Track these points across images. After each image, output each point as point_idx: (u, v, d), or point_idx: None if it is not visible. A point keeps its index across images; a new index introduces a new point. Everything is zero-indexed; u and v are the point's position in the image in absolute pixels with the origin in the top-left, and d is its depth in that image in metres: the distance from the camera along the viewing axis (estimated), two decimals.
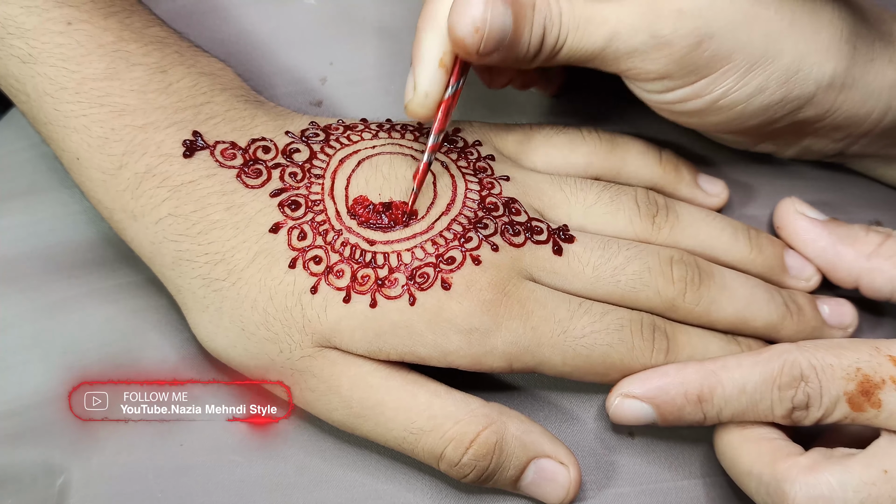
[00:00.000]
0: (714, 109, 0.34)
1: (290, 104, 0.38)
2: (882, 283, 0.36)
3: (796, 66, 0.34)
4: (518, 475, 0.32)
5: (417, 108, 0.33)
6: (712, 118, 0.35)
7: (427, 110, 0.33)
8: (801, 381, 0.31)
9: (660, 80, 0.34)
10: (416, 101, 0.33)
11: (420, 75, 0.33)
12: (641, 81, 0.34)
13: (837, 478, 0.29)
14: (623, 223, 0.35)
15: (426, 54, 0.33)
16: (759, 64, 0.33)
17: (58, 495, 0.34)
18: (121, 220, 0.34)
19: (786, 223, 0.37)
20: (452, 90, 0.33)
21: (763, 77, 0.34)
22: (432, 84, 0.33)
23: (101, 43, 0.33)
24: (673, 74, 0.33)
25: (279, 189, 0.33)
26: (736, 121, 0.35)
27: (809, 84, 0.34)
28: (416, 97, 0.33)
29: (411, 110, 0.33)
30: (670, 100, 0.35)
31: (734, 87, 0.34)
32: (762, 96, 0.34)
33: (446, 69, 0.33)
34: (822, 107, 0.35)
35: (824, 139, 0.37)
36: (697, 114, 0.35)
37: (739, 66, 0.33)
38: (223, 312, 0.32)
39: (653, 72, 0.33)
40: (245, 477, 0.34)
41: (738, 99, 0.34)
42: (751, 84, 0.34)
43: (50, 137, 0.34)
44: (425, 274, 0.32)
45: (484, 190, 0.34)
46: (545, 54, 0.33)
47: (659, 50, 0.33)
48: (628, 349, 0.32)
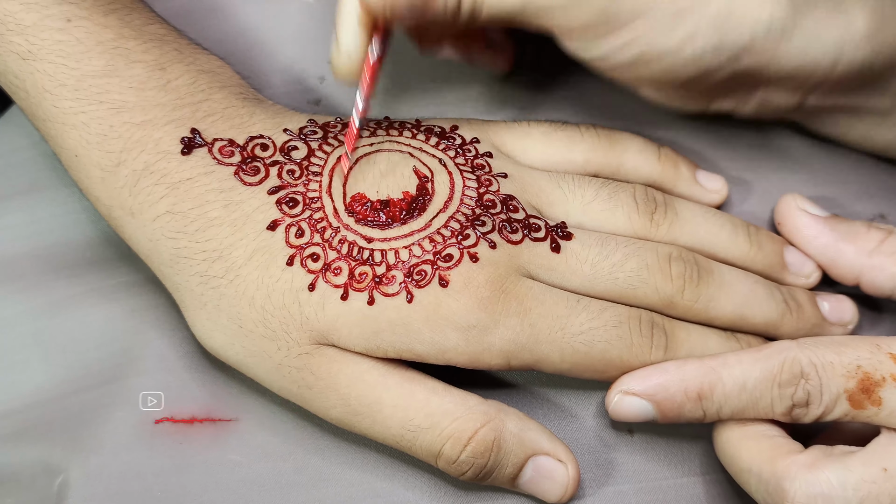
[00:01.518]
0: (644, 61, 0.34)
1: (288, 103, 0.38)
2: (883, 280, 0.35)
3: (726, 11, 0.33)
4: (516, 473, 0.32)
5: (341, 67, 0.33)
6: (644, 71, 0.34)
7: (350, 70, 0.33)
8: (802, 379, 0.31)
9: (584, 34, 0.33)
10: (340, 61, 0.33)
11: (341, 34, 0.33)
12: (568, 38, 0.34)
13: (837, 475, 0.29)
14: (621, 220, 0.35)
15: (346, 14, 0.33)
16: (686, 12, 0.32)
17: (57, 494, 0.34)
18: (119, 218, 0.34)
19: (787, 219, 0.37)
20: (377, 50, 0.33)
21: (691, 24, 0.33)
22: (353, 44, 0.33)
23: (100, 40, 0.33)
24: (594, 25, 0.33)
25: (277, 186, 0.33)
26: (670, 72, 0.34)
27: (744, 31, 0.33)
28: (340, 57, 0.33)
29: (335, 69, 0.34)
30: (598, 55, 0.34)
31: (661, 35, 0.33)
32: (692, 45, 0.33)
33: (366, 29, 0.33)
34: (763, 55, 0.34)
35: (777, 91, 0.36)
36: (630, 67, 0.34)
37: (663, 13, 0.32)
38: (221, 310, 0.32)
39: (576, 25, 0.33)
40: (244, 476, 0.34)
41: (668, 48, 0.33)
42: (678, 30, 0.33)
43: (49, 134, 0.34)
44: (423, 271, 0.32)
45: (482, 187, 0.34)
46: (464, 16, 0.33)
47: (578, 3, 0.32)
48: (627, 346, 0.32)
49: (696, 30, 0.33)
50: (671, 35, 0.33)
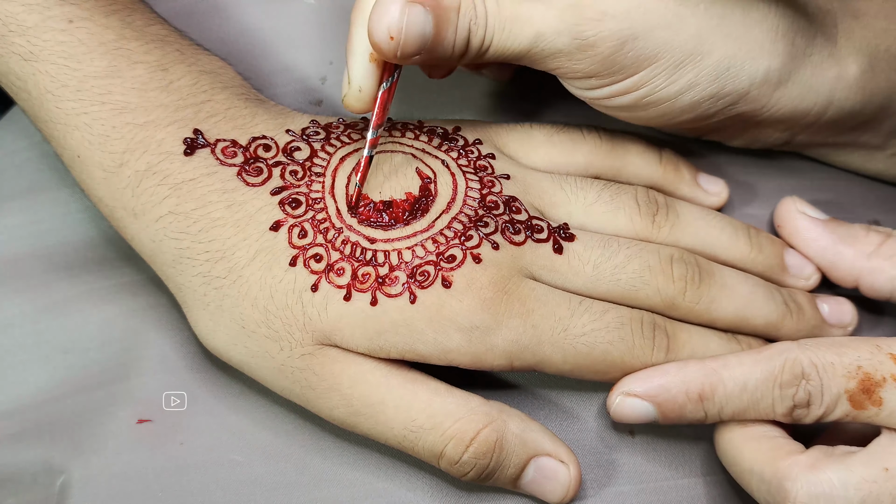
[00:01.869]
0: (643, 105, 0.35)
1: (290, 103, 0.38)
2: (882, 282, 0.36)
3: (726, 63, 0.34)
4: (518, 473, 0.32)
5: (353, 101, 0.34)
6: (642, 113, 0.35)
7: (362, 104, 0.33)
8: (802, 380, 0.31)
9: (587, 79, 0.34)
10: (351, 95, 0.33)
11: (353, 70, 0.33)
12: (570, 79, 0.34)
13: (838, 475, 0.29)
14: (623, 222, 0.35)
15: (357, 49, 0.33)
16: (687, 62, 0.33)
17: (58, 495, 0.34)
18: (121, 218, 0.34)
19: (786, 222, 0.37)
20: (387, 85, 0.33)
21: (692, 74, 0.34)
22: (365, 78, 0.33)
23: (102, 41, 0.33)
24: (599, 73, 0.34)
25: (280, 187, 0.33)
26: (666, 116, 0.35)
27: (742, 80, 0.34)
28: (351, 91, 0.33)
29: (347, 104, 0.34)
30: (599, 96, 0.35)
31: (661, 85, 0.34)
32: (692, 93, 0.34)
33: (378, 63, 0.33)
34: (759, 102, 0.35)
35: (767, 130, 0.38)
36: (628, 109, 0.35)
37: (666, 65, 0.33)
38: (223, 310, 0.32)
39: (579, 71, 0.34)
40: (245, 476, 0.34)
41: (667, 95, 0.34)
42: (679, 81, 0.34)
43: (51, 135, 0.34)
44: (426, 272, 0.32)
45: (484, 188, 0.34)
46: (472, 54, 0.33)
47: (583, 51, 0.33)
48: (629, 347, 0.32)
49: (696, 80, 0.34)
50: (672, 84, 0.34)
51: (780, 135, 0.38)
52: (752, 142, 0.39)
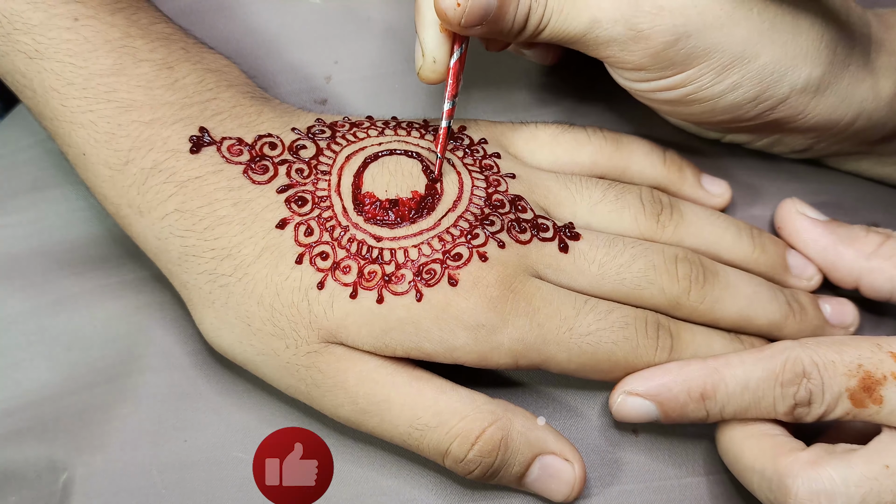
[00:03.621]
0: (687, 101, 0.35)
1: (294, 102, 0.38)
2: (882, 283, 0.36)
3: (772, 68, 0.34)
4: (523, 472, 0.32)
5: (429, 73, 0.34)
6: (684, 109, 0.36)
7: (437, 74, 0.34)
8: (804, 378, 0.31)
9: (637, 71, 0.34)
10: (427, 67, 0.34)
11: (426, 42, 0.34)
12: (620, 69, 0.35)
13: (839, 472, 0.30)
14: (628, 221, 0.35)
15: (427, 21, 0.34)
16: (736, 64, 0.34)
17: (61, 492, 0.34)
18: (127, 216, 0.34)
19: (786, 223, 0.38)
20: (458, 54, 0.34)
21: (738, 76, 0.34)
22: (438, 49, 0.34)
23: (107, 39, 0.33)
24: (649, 67, 0.34)
25: (286, 185, 0.33)
26: (707, 113, 0.36)
27: (784, 86, 0.35)
28: (426, 63, 0.34)
29: (423, 76, 0.34)
30: (646, 89, 0.35)
31: (707, 84, 0.34)
32: (735, 94, 0.35)
33: (448, 34, 0.34)
34: (796, 109, 0.35)
35: (794, 136, 0.38)
36: (671, 103, 0.36)
37: (715, 65, 0.34)
38: (229, 308, 0.32)
39: (630, 62, 0.34)
40: (249, 473, 0.33)
41: (711, 94, 0.35)
42: (725, 82, 0.34)
43: (56, 133, 0.34)
44: (432, 270, 0.32)
45: (490, 187, 0.34)
46: (529, 32, 0.34)
47: (636, 42, 0.33)
48: (633, 347, 0.33)
49: (740, 81, 0.34)
50: (717, 84, 0.34)
51: (804, 142, 0.38)
52: (774, 145, 0.39)
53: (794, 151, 0.40)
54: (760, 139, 0.39)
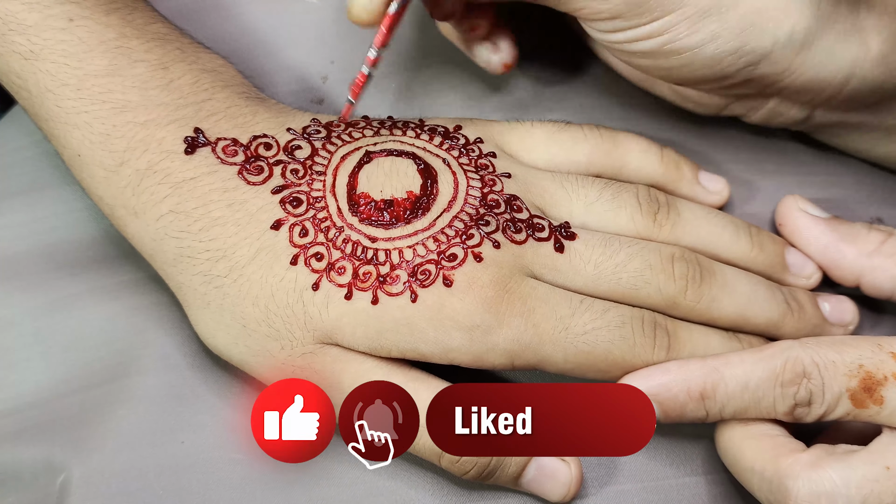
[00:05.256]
0: (664, 52, 0.34)
1: (291, 102, 0.38)
2: (883, 281, 0.36)
3: (751, 18, 0.33)
4: (519, 472, 0.32)
5: (360, 11, 0.34)
6: (663, 62, 0.35)
7: (369, 15, 0.34)
8: (804, 378, 0.31)
9: (610, 20, 0.34)
10: (359, 4, 0.33)
11: None
12: (593, 21, 0.34)
13: (840, 474, 0.29)
14: (624, 220, 0.35)
15: None
16: (713, 12, 0.33)
17: (59, 493, 0.34)
18: (122, 217, 0.34)
19: (788, 220, 0.37)
20: (396, 6, 0.33)
21: (716, 25, 0.33)
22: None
23: (102, 39, 0.33)
24: (623, 14, 0.33)
25: (281, 186, 0.33)
26: (687, 67, 0.35)
27: (766, 39, 0.34)
28: (359, 1, 0.33)
29: (354, 13, 0.34)
30: (620, 39, 0.35)
31: (684, 33, 0.34)
32: (714, 44, 0.34)
33: None
34: (780, 65, 0.35)
35: (788, 102, 0.37)
36: (648, 55, 0.35)
37: (691, 12, 0.33)
38: (224, 309, 0.32)
39: (603, 11, 0.34)
40: (246, 475, 0.34)
41: (689, 44, 0.34)
42: (702, 31, 0.33)
43: (51, 134, 0.34)
44: (427, 271, 0.32)
45: (486, 187, 0.34)
46: None
47: None
48: (630, 346, 0.32)
49: (719, 31, 0.33)
50: (695, 33, 0.33)
51: (799, 110, 0.37)
52: (771, 117, 0.38)
53: (794, 122, 0.39)
54: (756, 109, 0.38)
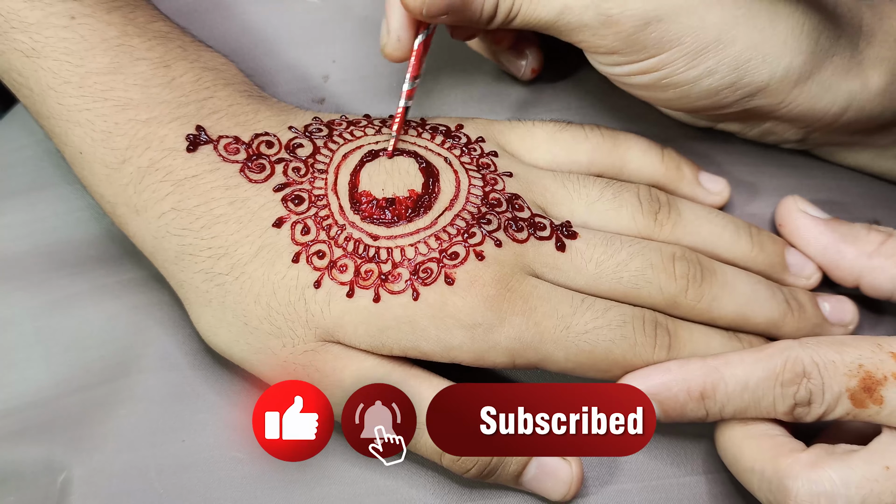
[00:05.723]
0: (662, 86, 0.35)
1: (292, 101, 0.38)
2: (883, 281, 0.36)
3: (748, 55, 0.34)
4: (520, 471, 0.32)
5: (392, 50, 0.35)
6: (661, 94, 0.36)
7: (401, 52, 0.35)
8: (804, 378, 0.31)
9: (610, 55, 0.35)
10: (391, 45, 0.35)
11: (392, 19, 0.34)
12: (594, 54, 0.35)
13: (839, 474, 0.30)
14: (626, 220, 0.35)
15: (395, 2, 0.34)
16: (710, 49, 0.34)
17: (59, 492, 0.33)
18: (123, 215, 0.34)
19: (787, 221, 0.37)
20: (423, 37, 0.34)
21: (713, 61, 0.34)
22: (403, 29, 0.34)
23: (104, 37, 0.33)
24: (621, 51, 0.34)
25: (283, 184, 0.33)
26: (684, 99, 0.36)
27: (762, 74, 0.34)
28: (390, 41, 0.35)
29: (387, 53, 0.35)
30: (620, 73, 0.36)
31: (682, 69, 0.34)
32: (710, 79, 0.35)
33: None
34: (777, 97, 0.35)
35: (784, 125, 0.38)
36: (647, 88, 0.36)
37: (688, 50, 0.34)
38: (226, 307, 0.32)
39: (602, 46, 0.34)
40: (247, 474, 0.34)
41: (685, 79, 0.35)
42: (699, 67, 0.34)
43: (53, 132, 0.34)
44: (429, 269, 0.32)
45: (487, 186, 0.34)
46: (500, 20, 0.34)
47: (607, 27, 0.34)
48: (630, 345, 0.32)
49: (716, 67, 0.34)
50: (692, 68, 0.34)
51: (795, 132, 0.38)
52: (766, 135, 0.39)
53: (789, 141, 0.39)
54: (751, 128, 0.39)
